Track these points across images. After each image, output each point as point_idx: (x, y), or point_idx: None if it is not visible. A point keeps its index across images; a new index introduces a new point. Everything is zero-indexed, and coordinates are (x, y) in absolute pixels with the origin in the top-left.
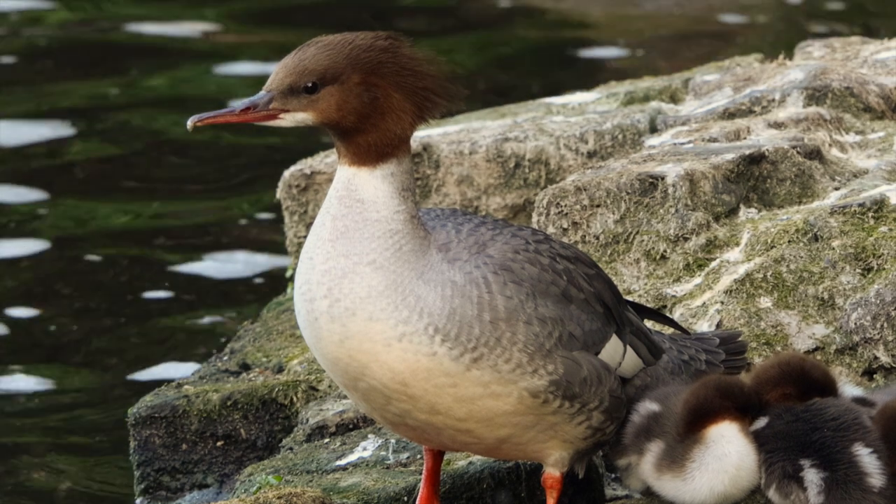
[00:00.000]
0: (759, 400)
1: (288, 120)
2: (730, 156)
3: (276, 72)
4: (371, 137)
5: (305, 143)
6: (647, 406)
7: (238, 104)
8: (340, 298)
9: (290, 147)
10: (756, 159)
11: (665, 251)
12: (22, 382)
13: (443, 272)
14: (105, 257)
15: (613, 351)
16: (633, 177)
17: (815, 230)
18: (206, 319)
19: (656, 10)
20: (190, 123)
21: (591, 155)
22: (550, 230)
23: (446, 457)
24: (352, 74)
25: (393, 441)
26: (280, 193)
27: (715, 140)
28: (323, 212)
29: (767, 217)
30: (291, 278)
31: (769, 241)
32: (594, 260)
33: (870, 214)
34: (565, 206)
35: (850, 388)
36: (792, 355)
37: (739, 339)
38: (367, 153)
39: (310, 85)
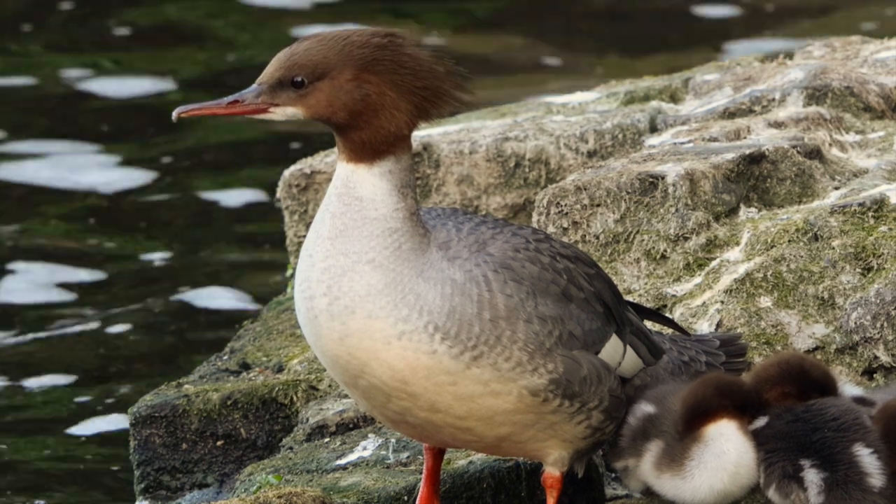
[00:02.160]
0: (758, 399)
1: (278, 114)
2: (730, 155)
3: (269, 65)
4: (365, 134)
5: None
6: (643, 408)
7: (226, 97)
8: (340, 296)
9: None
10: (756, 159)
11: (665, 251)
12: (21, 381)
13: (443, 270)
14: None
15: (613, 350)
16: (633, 176)
17: (816, 230)
18: (206, 318)
19: None
20: (175, 115)
21: (591, 154)
22: (550, 230)
23: (446, 456)
24: (343, 70)
25: (393, 440)
26: (280, 193)
27: (715, 140)
28: (322, 209)
29: (767, 216)
30: (292, 277)
31: (769, 240)
32: (594, 259)
33: (870, 214)
34: (565, 205)
35: (849, 388)
36: (792, 354)
37: (740, 341)
38: (363, 150)
39: (299, 79)
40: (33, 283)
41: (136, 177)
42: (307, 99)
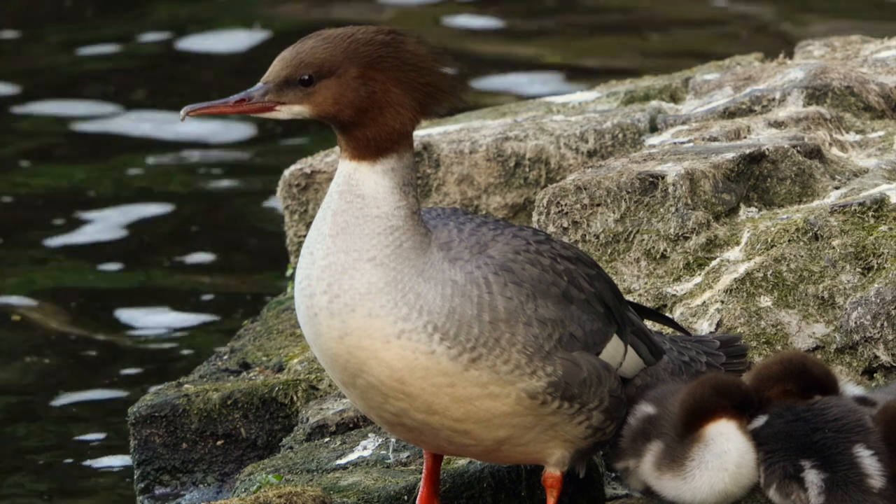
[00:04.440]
0: (757, 398)
1: (284, 112)
2: (730, 155)
3: (273, 64)
4: (369, 132)
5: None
6: (643, 409)
7: (233, 96)
8: (340, 294)
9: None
10: (756, 158)
11: (665, 250)
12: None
13: (443, 271)
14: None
15: (614, 351)
16: (633, 176)
17: (816, 229)
18: (207, 318)
19: None
20: (183, 113)
21: (591, 154)
22: (551, 229)
23: (446, 456)
24: (349, 68)
25: (393, 440)
26: (280, 192)
27: (715, 139)
28: (324, 207)
29: (767, 216)
30: (292, 277)
31: (769, 240)
32: (594, 259)
33: (870, 213)
34: (565, 205)
35: (850, 387)
36: (794, 353)
37: (740, 342)
38: (367, 147)
39: (306, 77)
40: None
41: None
42: (314, 97)
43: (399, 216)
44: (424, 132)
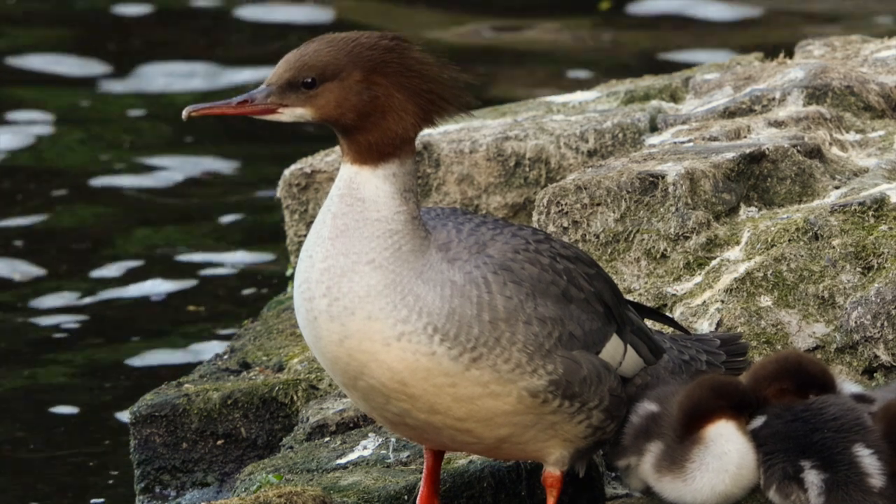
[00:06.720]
0: (755, 398)
1: (287, 115)
2: (730, 154)
3: (277, 66)
4: (372, 136)
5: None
6: (646, 407)
7: (236, 97)
8: (339, 297)
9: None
10: (756, 158)
11: (665, 250)
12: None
13: (442, 272)
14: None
15: (614, 350)
16: (633, 175)
17: (816, 229)
18: (207, 318)
19: None
20: (185, 113)
21: (591, 154)
22: (551, 229)
23: (447, 455)
24: (353, 71)
25: (393, 440)
26: (280, 192)
27: (715, 139)
28: (324, 209)
29: (768, 216)
30: (292, 277)
31: (769, 239)
32: (594, 259)
33: (870, 213)
34: (566, 204)
35: (848, 385)
36: (790, 351)
37: (740, 340)
38: (369, 152)
39: (309, 80)
40: None
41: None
42: (316, 100)
43: (399, 221)
44: (424, 132)
